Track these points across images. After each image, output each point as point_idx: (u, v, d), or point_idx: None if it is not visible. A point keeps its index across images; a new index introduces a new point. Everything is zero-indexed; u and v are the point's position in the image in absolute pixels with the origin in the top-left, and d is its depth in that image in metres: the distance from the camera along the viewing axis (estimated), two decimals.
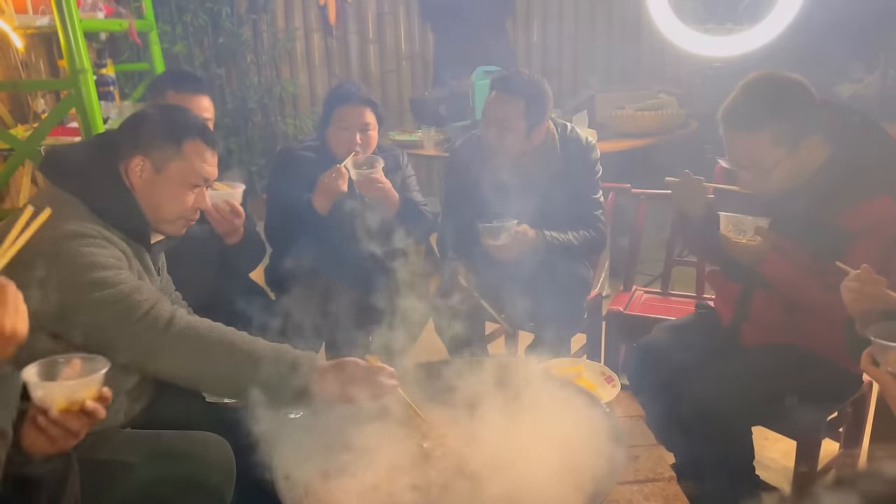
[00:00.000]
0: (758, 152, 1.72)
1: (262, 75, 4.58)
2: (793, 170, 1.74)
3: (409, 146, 3.75)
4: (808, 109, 1.72)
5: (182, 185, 1.58)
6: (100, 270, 1.40)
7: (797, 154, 1.71)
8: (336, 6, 4.67)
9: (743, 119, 1.73)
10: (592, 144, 2.48)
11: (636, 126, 3.85)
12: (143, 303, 1.42)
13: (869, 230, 1.67)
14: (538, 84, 2.35)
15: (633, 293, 2.74)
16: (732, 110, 1.75)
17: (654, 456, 1.64)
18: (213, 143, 1.63)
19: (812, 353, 1.84)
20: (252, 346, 1.45)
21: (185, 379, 1.45)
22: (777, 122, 1.69)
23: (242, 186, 2.16)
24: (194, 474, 1.44)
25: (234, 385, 1.44)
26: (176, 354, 1.42)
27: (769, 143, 1.70)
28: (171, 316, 1.43)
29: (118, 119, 3.07)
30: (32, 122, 3.12)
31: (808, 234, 1.74)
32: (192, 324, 1.45)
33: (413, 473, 1.46)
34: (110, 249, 1.46)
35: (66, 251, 1.39)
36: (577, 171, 2.43)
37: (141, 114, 1.60)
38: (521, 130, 2.34)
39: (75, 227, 1.42)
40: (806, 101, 1.72)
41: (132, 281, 1.45)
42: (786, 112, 1.69)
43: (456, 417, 1.58)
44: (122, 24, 3.25)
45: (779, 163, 1.72)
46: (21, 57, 3.16)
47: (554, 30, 5.22)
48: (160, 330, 1.41)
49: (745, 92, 1.74)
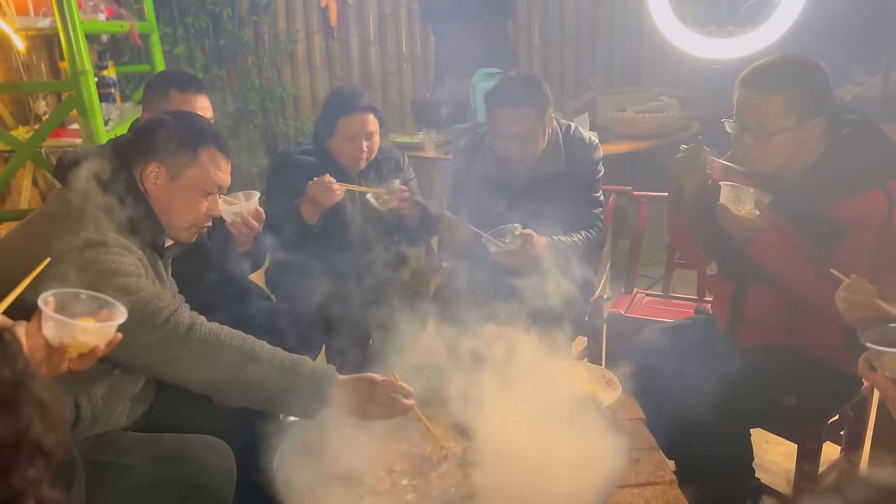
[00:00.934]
0: (768, 115, 1.74)
1: (263, 77, 4.58)
2: (793, 146, 1.75)
3: (410, 148, 3.75)
4: (824, 88, 1.75)
5: (196, 192, 1.58)
6: (121, 277, 1.40)
7: (804, 128, 1.73)
8: (337, 8, 4.67)
9: (763, 79, 1.76)
10: (595, 144, 2.48)
11: (637, 128, 3.85)
12: (163, 309, 1.42)
13: (859, 223, 1.68)
14: (538, 85, 2.33)
15: (634, 296, 2.74)
16: (754, 73, 1.78)
17: (654, 459, 1.64)
18: (227, 151, 1.64)
19: (809, 354, 1.84)
20: (273, 355, 1.44)
21: (204, 385, 1.45)
22: (794, 88, 1.72)
23: (257, 194, 2.15)
24: (195, 478, 1.44)
25: (253, 393, 1.44)
26: (196, 361, 1.42)
27: (781, 107, 1.72)
28: (192, 322, 1.43)
29: (119, 121, 3.08)
30: (34, 123, 3.12)
31: (802, 224, 1.75)
32: (213, 330, 1.45)
33: (414, 477, 1.46)
34: (129, 257, 1.46)
35: (88, 259, 1.38)
36: (580, 169, 2.42)
37: (157, 120, 1.60)
38: (539, 135, 2.32)
39: (94, 235, 1.42)
40: (824, 81, 1.75)
41: (152, 288, 1.46)
42: (804, 83, 1.73)
43: (455, 419, 1.58)
44: (123, 25, 3.26)
45: (784, 130, 1.73)
46: (22, 58, 3.17)
47: (555, 32, 5.22)
48: (181, 336, 1.41)
49: (771, 60, 1.79)
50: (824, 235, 1.71)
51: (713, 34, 3.65)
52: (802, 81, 1.73)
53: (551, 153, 2.39)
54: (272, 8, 4.52)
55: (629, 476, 1.54)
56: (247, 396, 1.45)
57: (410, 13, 4.95)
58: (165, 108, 2.11)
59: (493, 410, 1.52)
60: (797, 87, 1.72)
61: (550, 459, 1.37)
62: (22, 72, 3.19)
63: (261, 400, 1.45)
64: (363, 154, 2.41)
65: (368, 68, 4.89)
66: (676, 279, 2.75)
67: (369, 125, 2.40)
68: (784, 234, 1.75)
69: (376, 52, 4.90)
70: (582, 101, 4.37)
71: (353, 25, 4.81)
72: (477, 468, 1.43)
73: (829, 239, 1.71)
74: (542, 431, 1.44)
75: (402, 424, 1.56)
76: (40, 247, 1.38)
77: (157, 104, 2.18)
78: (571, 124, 2.50)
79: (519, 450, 1.39)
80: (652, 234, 2.81)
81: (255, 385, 1.42)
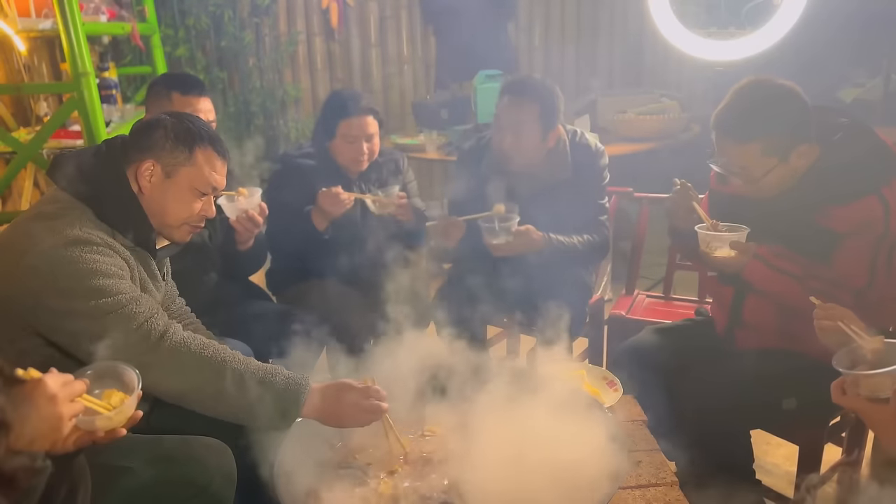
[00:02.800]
0: (748, 161, 1.72)
1: (264, 79, 4.58)
2: (783, 176, 1.74)
3: (410, 150, 3.75)
4: (801, 118, 1.71)
5: (190, 192, 1.58)
6: (100, 278, 1.40)
7: (788, 162, 1.71)
8: (338, 10, 4.68)
9: (734, 128, 1.72)
10: (602, 150, 2.48)
11: (638, 130, 3.85)
12: (138, 314, 1.41)
13: (855, 232, 1.67)
14: (550, 87, 2.35)
15: (635, 297, 2.74)
16: (724, 118, 1.74)
17: (656, 461, 1.63)
18: (224, 153, 1.64)
19: (808, 356, 1.83)
20: (244, 367, 1.43)
21: (172, 395, 1.43)
22: (768, 132, 1.68)
23: (259, 191, 2.15)
24: (195, 479, 1.44)
25: (221, 406, 1.42)
26: (165, 370, 1.40)
27: (760, 153, 1.70)
28: (165, 330, 1.42)
29: (120, 122, 3.08)
30: (35, 125, 3.12)
31: (797, 237, 1.74)
32: (186, 340, 1.43)
33: (414, 477, 1.46)
34: (113, 258, 1.46)
35: (69, 257, 1.38)
36: (586, 176, 2.42)
37: (155, 119, 1.60)
38: (537, 135, 2.32)
39: (79, 234, 1.42)
40: (798, 109, 1.71)
41: (131, 291, 1.45)
42: (777, 121, 1.69)
43: (457, 420, 1.58)
44: (124, 27, 3.26)
45: (770, 171, 1.72)
46: (24, 60, 3.17)
47: (556, 33, 5.22)
48: (152, 344, 1.40)
49: (737, 99, 1.73)
50: (820, 245, 1.69)
51: (714, 36, 3.65)
52: (775, 122, 1.69)
53: (558, 160, 2.39)
54: (273, 10, 4.53)
55: (631, 478, 1.54)
56: (218, 409, 1.43)
57: (411, 15, 4.95)
58: (168, 110, 2.12)
59: (492, 412, 1.52)
60: (770, 129, 1.68)
61: (551, 461, 1.37)
62: (23, 73, 3.19)
63: (233, 412, 1.43)
64: (363, 156, 2.41)
65: (369, 70, 4.90)
66: (677, 281, 2.75)
67: (369, 127, 2.40)
68: (769, 262, 1.75)
69: (377, 54, 4.91)
70: (583, 103, 4.37)
71: (354, 27, 4.81)
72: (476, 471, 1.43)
73: (826, 249, 1.69)
74: (543, 433, 1.44)
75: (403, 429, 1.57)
76: (27, 244, 1.38)
77: (159, 106, 2.19)
78: (578, 130, 2.50)
79: (519, 452, 1.39)
80: (653, 236, 2.81)
81: (227, 397, 1.40)
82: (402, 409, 1.60)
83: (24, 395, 1.00)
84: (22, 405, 0.99)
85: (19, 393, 0.99)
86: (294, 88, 4.65)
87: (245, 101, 4.54)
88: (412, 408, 1.64)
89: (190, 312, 1.89)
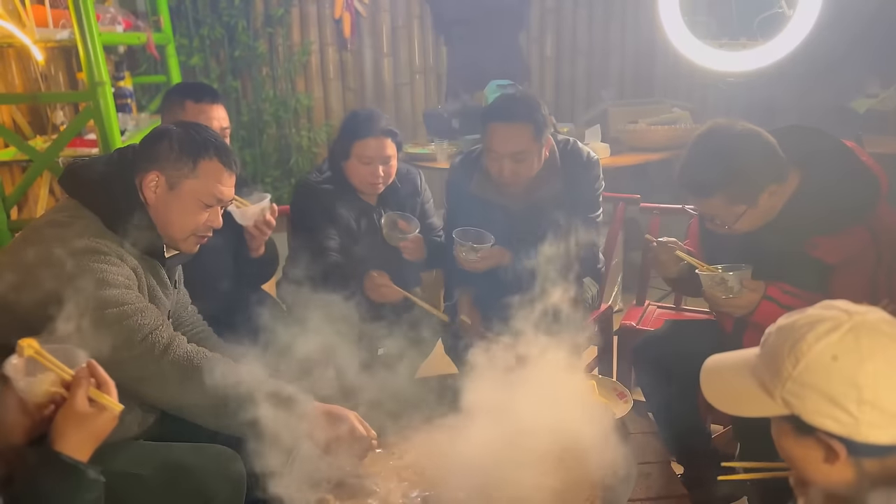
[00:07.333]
0: (716, 211, 1.71)
1: (277, 88, 4.62)
2: (757, 217, 1.71)
3: (421, 159, 3.76)
4: (763, 162, 1.65)
5: (194, 204, 1.58)
6: (107, 288, 1.41)
7: (758, 206, 1.68)
8: (351, 20, 4.71)
9: (694, 184, 1.71)
10: (595, 160, 2.36)
11: (649, 140, 3.84)
12: (143, 326, 1.42)
13: (848, 263, 1.65)
14: (535, 101, 2.23)
15: (645, 308, 2.73)
16: (683, 173, 1.73)
17: (666, 473, 1.63)
18: (231, 164, 1.62)
19: None
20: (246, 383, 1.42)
21: (172, 408, 1.44)
22: (728, 183, 1.65)
23: (268, 196, 2.15)
24: (206, 487, 1.44)
25: (221, 421, 1.44)
26: (166, 382, 1.41)
27: (725, 203, 1.68)
28: (169, 343, 1.43)
29: (135, 131, 3.11)
30: (51, 133, 3.16)
31: (788, 266, 1.71)
32: (189, 354, 1.44)
33: (423, 485, 1.46)
34: (120, 267, 1.46)
35: (78, 266, 1.39)
36: (578, 188, 2.31)
37: (162, 129, 1.61)
38: (537, 156, 2.21)
39: (89, 243, 1.44)
40: (759, 153, 1.66)
41: (138, 302, 1.45)
42: (736, 172, 1.64)
43: (465, 431, 1.57)
44: (140, 37, 3.30)
45: (741, 216, 1.69)
46: (41, 69, 3.21)
47: (567, 44, 5.23)
48: (156, 356, 1.41)
49: (694, 153, 1.71)
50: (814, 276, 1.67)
51: (725, 47, 3.65)
52: (733, 174, 1.64)
53: (548, 175, 2.29)
54: (286, 20, 4.56)
55: (640, 490, 1.54)
56: (219, 423, 1.44)
57: (423, 25, 4.98)
58: (181, 118, 2.14)
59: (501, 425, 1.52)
60: (730, 182, 1.65)
61: (560, 472, 1.36)
62: (40, 82, 3.23)
63: (233, 427, 1.43)
64: (379, 179, 2.32)
65: (381, 80, 4.92)
66: None
67: (386, 149, 2.32)
68: (781, 302, 1.68)
69: (389, 64, 4.93)
70: (594, 113, 4.37)
71: (367, 37, 4.84)
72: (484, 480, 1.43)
73: (820, 280, 1.66)
74: (551, 445, 1.44)
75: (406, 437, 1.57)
76: (38, 252, 1.39)
77: (173, 114, 2.21)
78: (570, 139, 2.40)
79: (527, 463, 1.39)
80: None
81: (227, 412, 1.41)
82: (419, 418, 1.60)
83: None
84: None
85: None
86: (306, 98, 4.69)
87: (258, 110, 4.58)
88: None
89: (202, 320, 1.90)
